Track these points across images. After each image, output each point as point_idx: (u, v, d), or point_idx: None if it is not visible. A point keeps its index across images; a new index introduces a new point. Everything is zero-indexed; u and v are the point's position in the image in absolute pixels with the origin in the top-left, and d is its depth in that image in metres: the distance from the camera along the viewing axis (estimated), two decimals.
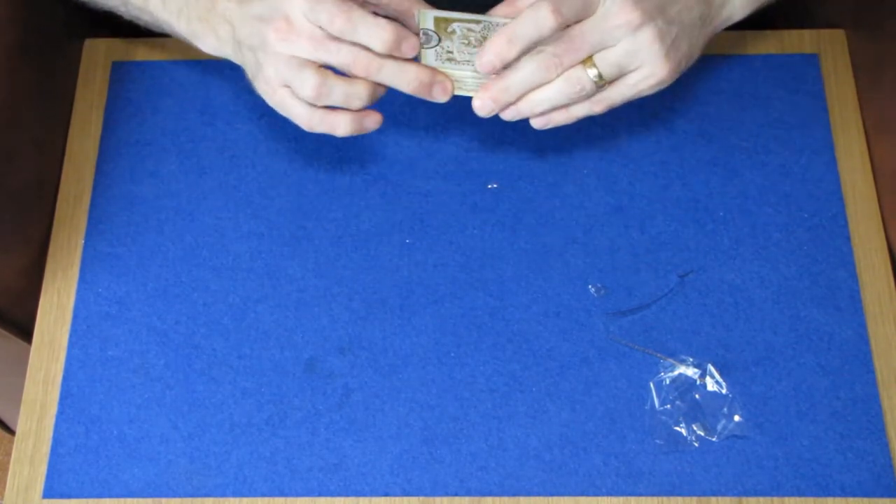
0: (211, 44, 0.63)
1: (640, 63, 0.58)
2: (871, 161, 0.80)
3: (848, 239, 0.77)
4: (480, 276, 0.77)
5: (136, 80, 0.85)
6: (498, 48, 0.57)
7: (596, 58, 0.58)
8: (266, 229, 0.79)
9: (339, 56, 0.57)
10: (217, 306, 0.76)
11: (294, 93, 0.59)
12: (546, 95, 0.59)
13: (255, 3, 0.59)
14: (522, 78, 0.58)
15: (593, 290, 0.76)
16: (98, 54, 0.86)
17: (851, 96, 0.82)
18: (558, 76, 0.58)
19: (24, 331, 0.79)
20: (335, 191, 0.80)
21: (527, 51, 0.57)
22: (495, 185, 0.80)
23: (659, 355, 0.73)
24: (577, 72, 0.58)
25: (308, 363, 0.74)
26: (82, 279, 0.78)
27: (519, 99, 0.60)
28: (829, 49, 0.84)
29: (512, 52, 0.57)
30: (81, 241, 0.79)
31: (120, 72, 0.85)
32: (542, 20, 0.56)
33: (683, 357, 0.73)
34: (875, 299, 0.75)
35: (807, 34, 0.85)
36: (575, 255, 0.77)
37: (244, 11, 0.60)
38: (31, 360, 0.75)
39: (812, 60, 0.84)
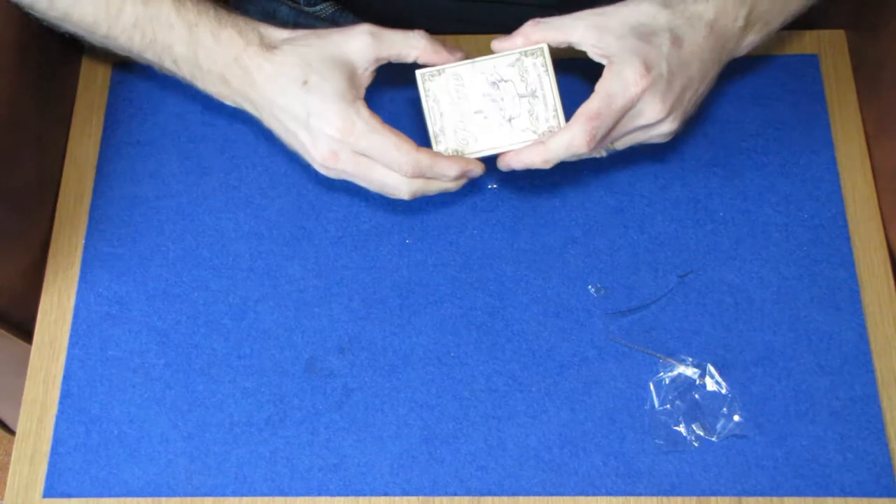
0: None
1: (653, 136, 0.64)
2: (871, 161, 0.80)
3: (848, 239, 0.77)
4: (480, 276, 0.77)
5: (136, 81, 0.85)
6: (529, 161, 0.62)
7: (617, 143, 0.65)
8: (266, 229, 0.79)
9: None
10: (217, 306, 0.76)
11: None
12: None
13: (282, 107, 0.63)
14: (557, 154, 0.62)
15: (593, 290, 0.76)
16: (99, 55, 0.86)
17: (851, 96, 0.82)
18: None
19: (25, 331, 0.80)
20: (335, 191, 0.80)
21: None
22: (495, 186, 0.80)
23: (659, 355, 0.73)
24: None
25: (308, 363, 0.74)
26: (83, 279, 0.78)
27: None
28: (829, 49, 0.84)
29: (539, 166, 0.62)
30: (82, 242, 0.79)
31: (121, 72, 0.86)
32: (576, 147, 0.60)
33: (683, 357, 0.73)
34: (875, 299, 0.75)
35: (807, 34, 0.85)
36: (575, 255, 0.77)
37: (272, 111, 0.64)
38: (31, 360, 0.75)
39: (812, 61, 0.84)
